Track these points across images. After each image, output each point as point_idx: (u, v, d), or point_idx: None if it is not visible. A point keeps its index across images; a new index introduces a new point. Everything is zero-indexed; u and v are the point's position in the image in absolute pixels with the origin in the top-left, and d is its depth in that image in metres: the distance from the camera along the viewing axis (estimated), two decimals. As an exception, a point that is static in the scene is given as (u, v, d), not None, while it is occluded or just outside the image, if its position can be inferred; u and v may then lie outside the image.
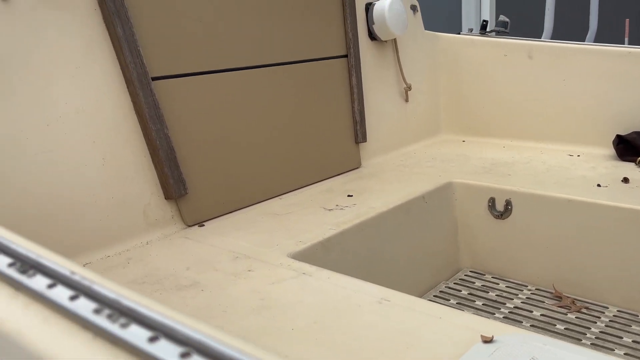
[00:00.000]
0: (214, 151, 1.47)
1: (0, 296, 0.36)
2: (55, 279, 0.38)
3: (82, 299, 0.35)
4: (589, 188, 1.54)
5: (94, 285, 0.36)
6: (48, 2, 1.19)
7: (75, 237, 1.23)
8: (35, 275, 0.38)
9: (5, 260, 0.40)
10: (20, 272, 0.38)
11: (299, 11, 1.71)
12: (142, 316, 0.33)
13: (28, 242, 0.43)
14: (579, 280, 1.51)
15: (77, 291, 0.36)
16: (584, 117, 1.99)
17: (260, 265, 1.15)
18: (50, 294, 0.36)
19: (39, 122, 1.17)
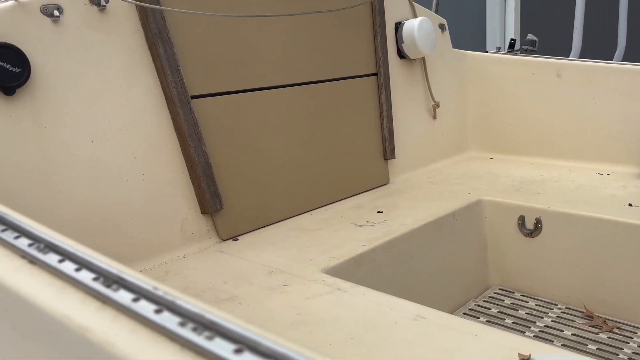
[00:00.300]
0: (248, 167, 1.51)
1: (89, 308, 0.40)
2: (138, 294, 0.40)
3: (166, 313, 0.38)
4: (620, 207, 1.54)
5: (177, 300, 0.39)
6: (95, 24, 1.24)
7: (117, 248, 1.27)
8: (119, 289, 0.41)
9: (90, 275, 0.42)
10: (105, 286, 0.41)
11: (332, 31, 1.75)
12: (225, 330, 0.35)
13: (109, 258, 0.46)
14: (610, 299, 1.50)
15: (160, 305, 0.39)
16: (613, 135, 1.99)
17: (295, 280, 1.18)
18: (136, 307, 0.39)
19: (84, 138, 1.22)
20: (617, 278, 1.49)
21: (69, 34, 1.20)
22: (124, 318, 0.39)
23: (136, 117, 1.31)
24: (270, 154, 1.57)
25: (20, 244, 0.49)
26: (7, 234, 0.51)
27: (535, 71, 2.15)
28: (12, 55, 1.09)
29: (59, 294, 0.42)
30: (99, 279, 0.42)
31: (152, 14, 1.30)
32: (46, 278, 0.44)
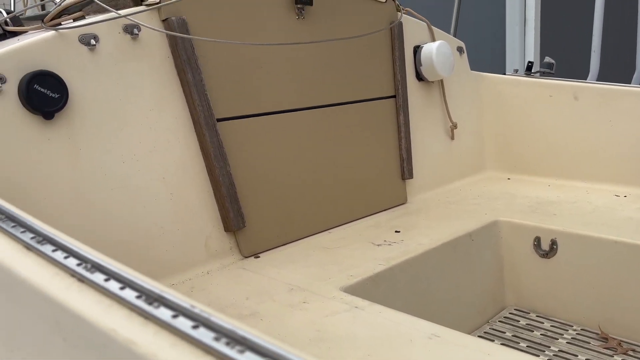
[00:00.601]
0: (270, 187, 1.56)
1: (134, 324, 0.45)
2: (177, 311, 0.45)
3: (202, 329, 0.42)
4: (637, 230, 1.56)
5: (212, 317, 0.44)
6: (128, 51, 1.31)
7: (145, 265, 1.33)
8: (160, 307, 0.46)
9: (133, 294, 0.48)
10: (147, 303, 0.46)
11: (352, 55, 1.81)
12: (255, 344, 0.40)
13: (149, 278, 0.51)
14: (625, 322, 1.52)
15: (197, 322, 0.43)
16: (630, 157, 2.00)
17: (314, 298, 1.22)
18: (175, 323, 0.44)
19: (116, 159, 1.29)
20: (632, 300, 1.51)
21: (104, 61, 1.27)
22: (165, 333, 0.43)
23: (165, 139, 1.38)
24: (291, 174, 1.62)
25: (70, 263, 0.53)
26: (58, 254, 0.55)
27: (553, 93, 2.19)
28: (52, 82, 1.17)
29: (106, 310, 0.47)
30: (142, 297, 0.46)
31: (181, 42, 1.37)
32: (94, 295, 0.48)
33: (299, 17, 1.66)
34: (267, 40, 1.57)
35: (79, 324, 0.48)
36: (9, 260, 0.57)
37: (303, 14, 1.67)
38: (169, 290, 0.48)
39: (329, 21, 1.74)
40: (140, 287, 0.49)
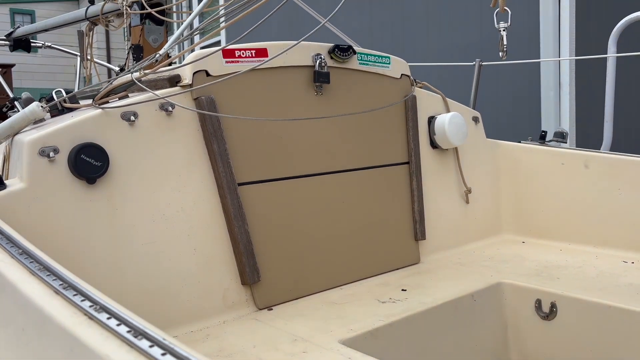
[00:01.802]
0: (285, 245, 1.72)
1: None
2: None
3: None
4: (634, 296, 1.63)
5: None
6: (163, 125, 1.53)
7: (169, 313, 1.50)
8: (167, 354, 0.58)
9: (147, 343, 0.59)
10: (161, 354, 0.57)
11: (367, 124, 1.98)
12: None
13: (193, 350, 0.59)
14: None
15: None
16: (639, 225, 2.07)
17: (313, 348, 1.35)
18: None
19: (147, 218, 1.48)
20: (627, 364, 1.55)
21: (141, 134, 1.49)
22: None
23: (191, 200, 1.57)
24: (306, 234, 1.78)
25: (121, 330, 0.65)
26: (111, 322, 0.67)
27: (565, 161, 2.29)
28: (96, 152, 1.38)
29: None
30: (154, 346, 0.57)
31: (209, 117, 1.58)
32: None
33: (317, 93, 1.86)
34: (288, 116, 1.77)
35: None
36: (71, 326, 0.69)
37: (321, 91, 1.87)
38: (178, 344, 0.58)
39: (346, 96, 1.93)
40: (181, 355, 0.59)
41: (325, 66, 1.86)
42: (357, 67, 1.98)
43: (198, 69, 1.59)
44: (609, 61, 2.66)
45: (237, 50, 1.66)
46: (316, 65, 1.84)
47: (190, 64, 1.57)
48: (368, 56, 2.01)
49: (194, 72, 1.58)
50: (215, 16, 1.70)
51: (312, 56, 1.84)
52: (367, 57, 2.01)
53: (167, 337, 0.61)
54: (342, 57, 1.91)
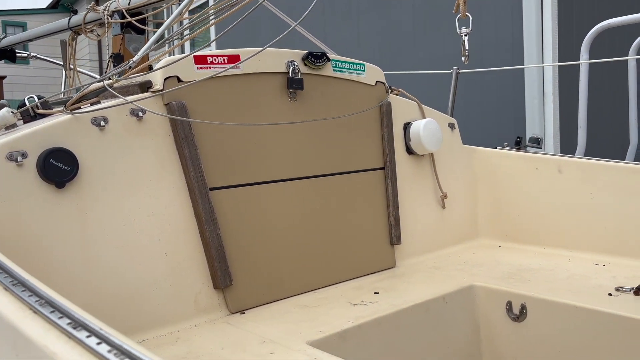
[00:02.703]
0: (258, 249, 1.74)
1: None
2: None
3: None
4: (600, 296, 1.65)
5: None
6: (133, 130, 1.55)
7: (139, 317, 1.50)
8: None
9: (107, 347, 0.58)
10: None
11: (342, 130, 2.01)
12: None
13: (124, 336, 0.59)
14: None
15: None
16: (611, 228, 2.09)
17: (281, 350, 1.36)
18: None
19: (117, 222, 1.50)
20: (594, 364, 1.57)
21: (111, 139, 1.51)
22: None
23: (162, 205, 1.58)
24: (279, 239, 1.79)
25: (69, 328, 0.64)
26: (54, 315, 0.66)
27: (539, 166, 2.32)
28: (65, 157, 1.40)
29: None
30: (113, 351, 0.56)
31: (180, 122, 1.60)
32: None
33: (291, 100, 1.88)
34: (261, 122, 1.79)
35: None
36: (16, 320, 0.70)
37: (295, 97, 1.90)
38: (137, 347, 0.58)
39: (320, 102, 1.96)
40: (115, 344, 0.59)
41: (299, 73, 1.88)
42: (331, 74, 2.01)
43: (169, 74, 1.61)
44: (581, 68, 2.70)
45: (209, 57, 1.69)
46: (289, 72, 1.86)
47: (161, 70, 1.60)
48: (342, 63, 2.04)
49: (165, 78, 1.61)
50: (185, 26, 1.72)
51: (285, 63, 1.87)
52: (342, 64, 2.04)
53: (104, 327, 0.63)
54: (316, 64, 1.93)
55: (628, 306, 1.56)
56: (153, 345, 1.45)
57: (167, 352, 1.39)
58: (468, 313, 1.81)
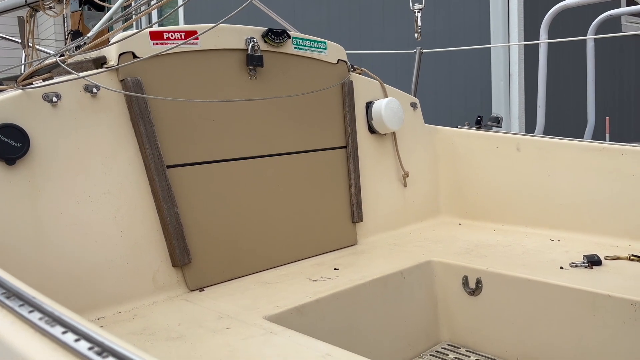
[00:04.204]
0: (218, 227, 1.73)
1: None
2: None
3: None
4: (552, 270, 1.70)
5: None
6: (87, 107, 1.52)
7: (95, 295, 1.49)
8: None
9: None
10: None
11: (305, 108, 2.01)
12: None
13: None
14: (540, 355, 1.63)
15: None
16: (567, 205, 2.15)
17: (237, 324, 1.37)
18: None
19: (71, 199, 1.48)
20: (545, 336, 1.62)
21: (64, 115, 1.48)
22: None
23: (118, 182, 1.57)
24: (240, 217, 1.79)
25: (81, 346, 0.57)
26: (68, 336, 0.59)
27: (498, 145, 2.36)
28: (15, 133, 1.37)
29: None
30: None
31: (135, 99, 1.58)
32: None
33: (251, 77, 1.87)
34: (220, 99, 1.77)
35: None
36: None
37: (255, 74, 1.88)
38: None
39: (281, 80, 1.95)
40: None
41: (259, 50, 1.87)
42: (292, 52, 2.00)
43: (124, 50, 1.58)
44: (540, 48, 2.74)
45: (165, 32, 1.66)
46: (249, 49, 1.85)
47: (115, 45, 1.57)
48: (303, 41, 2.03)
49: (120, 54, 1.58)
50: (143, 1, 1.69)
51: (245, 39, 1.85)
52: (303, 41, 2.03)
53: (57, 308, 0.62)
54: (276, 41, 1.92)
55: (576, 278, 1.61)
56: (109, 322, 1.44)
57: (123, 328, 1.39)
58: (426, 288, 1.85)
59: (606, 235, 2.03)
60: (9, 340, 0.58)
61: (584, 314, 1.55)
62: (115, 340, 0.54)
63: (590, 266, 1.73)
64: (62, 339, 0.55)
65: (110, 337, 0.55)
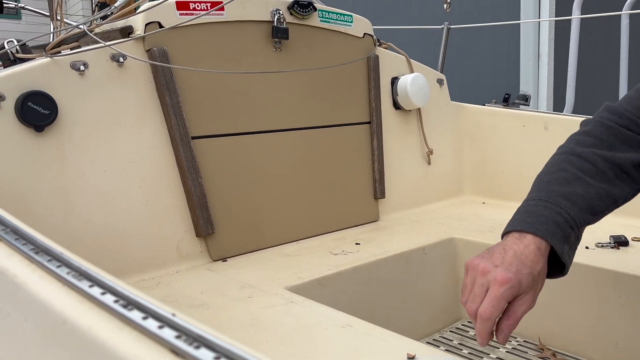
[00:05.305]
0: (241, 199, 1.75)
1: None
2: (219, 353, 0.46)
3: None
4: (578, 250, 1.67)
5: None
6: (114, 76, 1.53)
7: (120, 262, 1.52)
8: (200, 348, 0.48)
9: (173, 333, 0.50)
10: (187, 344, 0.48)
11: (328, 85, 1.99)
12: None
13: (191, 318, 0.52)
14: (561, 334, 1.62)
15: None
16: (593, 185, 2.11)
17: (259, 294, 1.39)
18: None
19: (98, 168, 1.50)
20: (568, 314, 1.61)
21: (91, 84, 1.49)
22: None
23: (144, 152, 1.58)
24: (262, 189, 1.80)
25: (107, 299, 0.56)
26: (94, 290, 0.59)
27: (526, 123, 2.32)
28: (44, 101, 1.39)
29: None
30: (181, 337, 0.49)
31: (161, 69, 1.58)
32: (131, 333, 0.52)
33: (276, 49, 1.86)
34: (245, 70, 1.77)
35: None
36: (12, 269, 0.66)
37: (280, 47, 1.87)
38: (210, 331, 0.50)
39: (306, 53, 1.94)
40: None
41: (284, 22, 1.86)
42: (317, 25, 1.98)
43: (150, 20, 1.59)
44: (572, 25, 2.67)
45: (191, 3, 1.66)
46: (274, 21, 1.84)
47: (142, 14, 1.57)
48: (329, 14, 2.01)
49: (146, 24, 1.58)
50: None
51: (270, 11, 1.84)
52: (329, 14, 2.01)
53: (84, 263, 0.63)
54: (302, 14, 1.91)
55: (602, 258, 1.59)
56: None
57: (147, 295, 1.41)
58: (448, 264, 1.84)
59: (634, 216, 1.99)
60: (38, 292, 0.60)
61: (609, 294, 1.53)
62: (139, 294, 0.55)
63: (617, 246, 1.71)
64: (89, 291, 0.56)
65: (134, 291, 0.56)
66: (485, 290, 0.97)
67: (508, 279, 0.97)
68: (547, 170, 1.16)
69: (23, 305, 0.62)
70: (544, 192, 1.07)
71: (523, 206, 1.09)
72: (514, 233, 1.04)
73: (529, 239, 1.02)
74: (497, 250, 1.02)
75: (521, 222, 1.04)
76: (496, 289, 0.96)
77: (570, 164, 1.12)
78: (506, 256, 0.99)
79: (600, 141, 1.20)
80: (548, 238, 1.01)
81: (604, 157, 1.16)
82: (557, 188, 1.08)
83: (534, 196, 1.10)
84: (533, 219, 1.03)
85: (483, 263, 0.99)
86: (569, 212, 1.04)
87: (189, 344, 0.46)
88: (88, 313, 0.54)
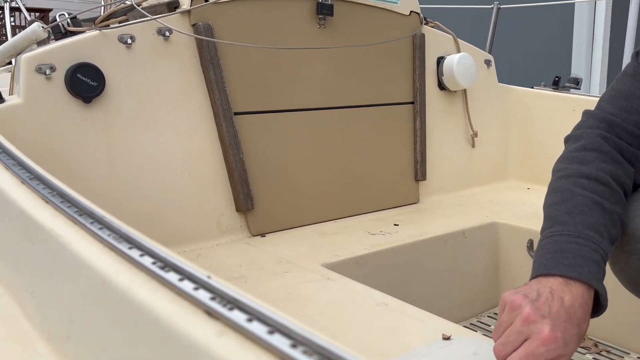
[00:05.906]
0: (281, 176, 1.75)
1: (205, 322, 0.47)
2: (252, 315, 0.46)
3: (277, 335, 0.43)
4: (625, 239, 1.61)
5: (289, 324, 0.44)
6: (159, 50, 1.55)
7: (161, 232, 1.56)
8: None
9: (207, 295, 0.49)
10: (221, 305, 0.47)
11: (372, 63, 1.97)
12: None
13: (224, 280, 0.52)
14: (605, 324, 1.58)
15: (272, 327, 0.44)
16: (646, 173, 2.02)
17: (296, 269, 1.40)
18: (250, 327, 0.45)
19: (143, 140, 1.53)
20: (611, 305, 1.56)
21: (138, 58, 1.52)
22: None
23: (187, 126, 1.60)
24: (302, 166, 1.80)
25: (145, 261, 0.56)
26: (134, 252, 0.58)
27: (575, 107, 2.24)
28: (92, 72, 1.42)
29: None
30: (216, 299, 0.49)
31: (206, 44, 1.60)
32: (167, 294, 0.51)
33: (320, 26, 1.85)
34: (288, 47, 1.77)
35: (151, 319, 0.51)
36: (57, 229, 0.66)
37: (324, 24, 1.86)
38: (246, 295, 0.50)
39: (350, 30, 1.91)
40: (216, 289, 0.50)
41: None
42: (363, 2, 1.95)
43: (196, -6, 1.60)
44: (631, 6, 2.55)
45: (237, -22, 1.66)
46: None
47: (188, -10, 1.58)
48: None
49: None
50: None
51: (316, -12, 1.82)
52: None
53: (123, 226, 0.64)
54: (348, -9, 1.88)
55: (652, 248, 1.53)
56: (175, 259, 1.50)
57: (187, 266, 1.44)
58: (488, 249, 1.81)
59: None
60: (80, 253, 0.62)
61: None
62: (175, 257, 0.56)
63: (668, 237, 1.64)
64: (129, 253, 0.58)
65: (172, 254, 0.57)
66: (522, 339, 0.82)
67: (554, 339, 0.81)
68: (561, 198, 1.02)
69: (66, 265, 0.65)
70: (571, 226, 0.94)
71: (552, 243, 0.94)
72: (558, 278, 0.89)
73: (578, 289, 0.88)
74: (544, 294, 0.86)
75: (558, 264, 0.90)
76: (537, 345, 0.80)
77: (583, 187, 0.99)
78: (553, 305, 0.84)
79: (601, 153, 1.08)
80: (594, 283, 0.89)
81: (610, 173, 1.05)
82: (581, 218, 0.95)
83: (559, 230, 0.96)
84: (570, 261, 0.90)
85: (527, 308, 0.83)
86: (601, 247, 0.93)
87: (222, 306, 0.47)
88: (127, 273, 0.55)
